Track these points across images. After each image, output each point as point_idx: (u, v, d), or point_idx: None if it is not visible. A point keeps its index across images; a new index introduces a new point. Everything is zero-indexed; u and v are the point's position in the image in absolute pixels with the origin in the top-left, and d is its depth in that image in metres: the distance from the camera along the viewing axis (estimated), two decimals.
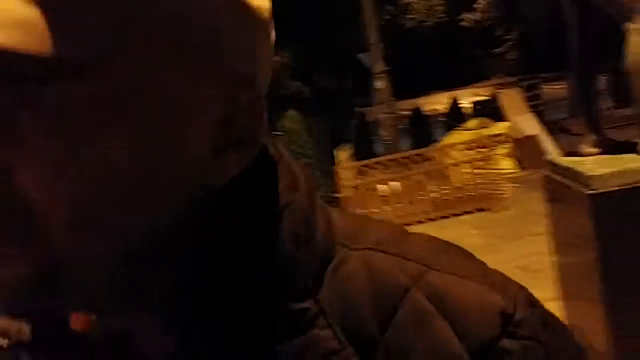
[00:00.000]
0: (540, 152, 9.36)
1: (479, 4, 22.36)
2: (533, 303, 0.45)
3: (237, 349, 0.42)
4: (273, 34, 0.44)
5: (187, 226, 0.41)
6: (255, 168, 0.43)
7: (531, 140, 10.55)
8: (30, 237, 0.36)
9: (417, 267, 0.45)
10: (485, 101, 16.61)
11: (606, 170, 2.80)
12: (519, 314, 0.43)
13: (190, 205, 0.40)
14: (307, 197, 0.45)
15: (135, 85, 0.36)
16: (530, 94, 13.69)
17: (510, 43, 24.93)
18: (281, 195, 0.44)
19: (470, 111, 16.40)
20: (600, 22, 3.02)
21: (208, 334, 0.42)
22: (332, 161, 9.64)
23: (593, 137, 3.16)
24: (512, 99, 12.30)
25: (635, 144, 3.03)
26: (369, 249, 0.46)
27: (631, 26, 2.75)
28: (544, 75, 16.89)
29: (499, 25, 24.09)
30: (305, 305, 0.43)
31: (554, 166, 3.38)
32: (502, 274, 0.47)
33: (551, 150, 9.42)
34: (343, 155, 9.07)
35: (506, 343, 0.42)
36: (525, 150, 10.15)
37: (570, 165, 3.08)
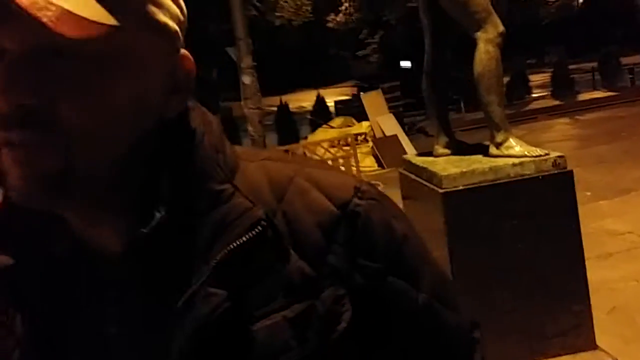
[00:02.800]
0: (399, 151, 9.79)
1: (344, 6, 22.95)
2: (374, 185, 0.69)
3: (178, 221, 0.60)
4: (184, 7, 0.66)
5: (147, 144, 0.61)
6: (184, 111, 0.65)
7: (391, 139, 11.00)
8: (56, 147, 0.55)
9: (296, 165, 0.70)
10: (347, 100, 17.08)
11: (455, 170, 2.98)
12: (365, 187, 0.68)
13: (150, 130, 0.61)
14: (218, 127, 0.68)
15: (128, 45, 0.57)
16: (389, 95, 14.24)
17: (372, 46, 25.85)
18: (200, 125, 0.65)
19: (333, 110, 16.79)
20: (454, 30, 3.19)
21: (155, 215, 0.59)
22: None
23: (444, 139, 3.34)
24: (373, 99, 12.74)
25: (481, 145, 3.26)
26: (263, 159, 0.70)
27: (480, 34, 2.95)
28: (402, 77, 17.65)
29: (362, 29, 24.87)
30: (224, 186, 0.63)
31: (409, 165, 3.55)
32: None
33: (408, 149, 9.88)
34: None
35: (357, 201, 0.66)
36: (385, 149, 10.57)
37: (424, 165, 3.25)
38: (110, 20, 0.54)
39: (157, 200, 0.60)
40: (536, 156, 2.94)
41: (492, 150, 3.06)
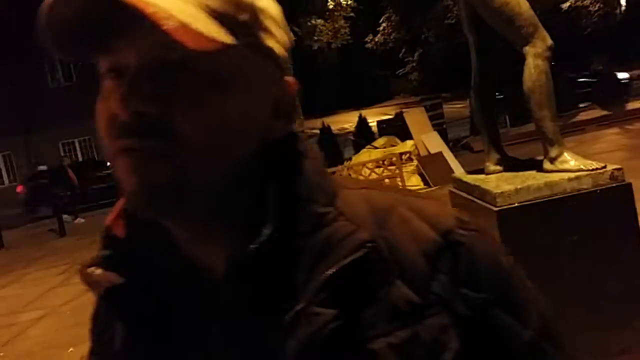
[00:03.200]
0: (445, 168, 9.70)
1: (382, 27, 23.02)
2: (472, 217, 0.69)
3: (282, 242, 0.61)
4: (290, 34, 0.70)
5: (253, 163, 0.63)
6: (289, 136, 0.68)
7: (436, 157, 10.91)
8: (169, 156, 0.57)
9: (397, 195, 0.71)
10: (389, 120, 17.03)
11: (509, 187, 2.93)
12: (466, 218, 0.68)
13: (255, 151, 0.64)
14: (319, 153, 0.70)
15: (241, 66, 0.61)
16: (432, 113, 14.16)
17: (411, 64, 25.81)
18: (304, 150, 0.68)
19: (375, 129, 16.76)
20: (499, 45, 3.16)
21: (262, 233, 0.60)
22: None
23: (496, 156, 3.30)
24: (416, 118, 12.67)
25: (533, 160, 3.20)
26: (363, 188, 0.71)
27: (528, 49, 2.91)
28: (444, 94, 17.54)
29: (401, 47, 24.88)
30: (328, 209, 0.64)
31: (460, 183, 3.51)
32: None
33: (455, 166, 9.77)
34: None
35: (460, 231, 0.65)
36: (431, 167, 10.48)
37: (476, 183, 3.20)
38: (224, 38, 0.57)
39: (263, 220, 0.61)
40: (592, 170, 2.87)
41: (547, 165, 3.00)
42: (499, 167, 3.26)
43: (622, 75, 17.79)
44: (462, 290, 0.63)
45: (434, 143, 11.65)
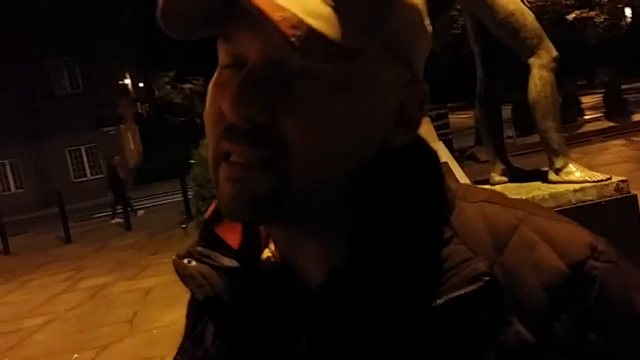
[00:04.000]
0: (450, 179, 9.67)
1: None
2: (610, 243, 0.59)
3: (387, 258, 0.56)
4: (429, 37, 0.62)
5: (366, 172, 0.58)
6: (410, 144, 0.61)
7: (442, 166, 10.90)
8: (276, 167, 0.53)
9: (522, 212, 0.60)
10: None
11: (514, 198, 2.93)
12: (603, 246, 0.57)
13: (372, 159, 0.58)
14: (439, 162, 0.63)
15: (366, 72, 0.55)
16: (438, 123, 14.16)
17: None
18: (424, 161, 0.61)
19: None
20: (504, 56, 3.18)
21: (373, 252, 0.56)
22: None
23: (501, 166, 3.30)
24: (422, 127, 12.67)
25: (538, 171, 3.20)
26: (482, 201, 0.62)
27: (533, 60, 2.92)
28: (449, 104, 17.55)
29: None
30: (443, 229, 0.57)
31: None
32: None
33: (460, 177, 9.76)
34: None
35: (593, 262, 0.55)
36: None
37: None
38: (357, 43, 0.51)
39: (368, 233, 0.56)
40: (597, 181, 2.88)
41: (552, 176, 3.00)
42: (504, 178, 3.26)
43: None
44: (589, 334, 0.55)
45: (440, 153, 11.63)
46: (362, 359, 0.55)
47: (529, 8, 2.95)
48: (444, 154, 11.97)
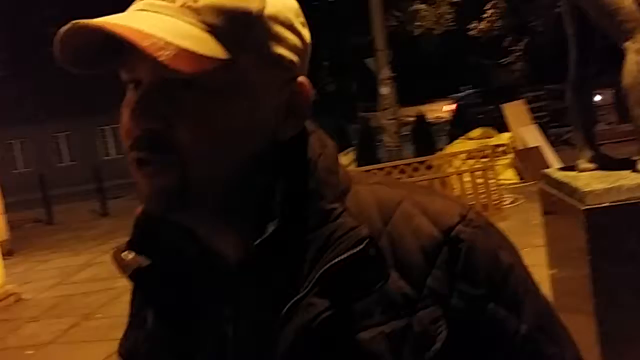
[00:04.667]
0: (542, 163, 9.37)
1: (488, 13, 22.29)
2: (480, 213, 0.73)
3: (289, 236, 0.66)
4: (307, 34, 0.72)
5: (262, 162, 0.68)
6: (302, 133, 0.71)
7: (533, 151, 10.56)
8: (176, 165, 0.64)
9: (405, 191, 0.73)
10: (489, 110, 16.59)
11: (600, 186, 2.83)
12: (472, 215, 0.71)
13: (265, 150, 0.68)
14: (333, 150, 0.74)
15: (247, 77, 0.65)
16: (534, 105, 13.68)
17: (516, 53, 24.89)
18: (316, 148, 0.71)
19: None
20: (600, 38, 3.05)
21: (271, 233, 0.65)
22: None
23: (589, 152, 3.19)
24: (515, 110, 12.28)
25: (630, 160, 3.07)
26: (374, 183, 0.75)
27: (629, 44, 2.79)
28: (549, 86, 16.87)
29: (506, 36, 24.03)
30: (334, 205, 0.68)
31: (550, 179, 3.42)
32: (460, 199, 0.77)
33: (552, 162, 9.43)
34: (346, 159, 9.05)
35: (462, 227, 0.69)
36: (527, 162, 10.16)
37: (566, 180, 3.12)
38: (225, 55, 0.62)
39: (270, 215, 0.66)
40: None
41: None
42: (591, 165, 3.15)
43: None
44: (458, 285, 0.67)
45: (532, 137, 11.27)
46: (272, 319, 0.65)
47: None
48: (535, 138, 11.58)
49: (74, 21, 0.61)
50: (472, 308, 0.67)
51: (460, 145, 11.79)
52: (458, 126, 15.71)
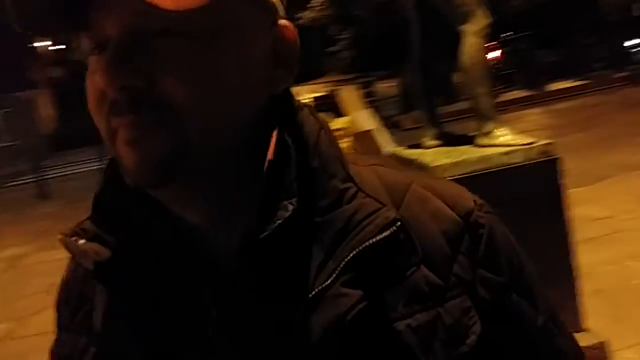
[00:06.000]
0: (378, 145, 9.85)
1: (314, 3, 22.90)
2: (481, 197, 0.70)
3: (301, 220, 0.57)
4: None
5: (260, 126, 0.60)
6: (292, 105, 0.64)
7: (370, 134, 11.06)
8: (168, 125, 0.54)
9: (410, 173, 0.69)
10: (323, 96, 17.07)
11: (446, 161, 3.04)
12: (479, 200, 0.68)
13: (260, 108, 0.60)
14: (328, 126, 0.66)
15: (230, 19, 0.56)
16: (365, 91, 14.30)
17: (343, 42, 25.86)
18: (313, 122, 0.64)
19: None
20: (440, 23, 3.25)
21: (275, 211, 0.57)
22: None
23: (433, 130, 3.40)
24: (350, 95, 12.78)
25: (469, 136, 3.32)
26: (373, 164, 0.68)
27: (467, 27, 3.01)
28: (374, 73, 17.71)
29: (333, 24, 24.86)
30: (347, 185, 0.61)
31: (397, 158, 3.60)
32: None
33: (387, 144, 9.94)
34: None
35: (478, 213, 0.65)
36: (365, 144, 10.62)
37: (414, 157, 3.30)
38: None
39: (280, 198, 0.58)
40: (524, 144, 3.02)
41: (481, 140, 3.12)
42: (436, 142, 3.36)
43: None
44: (482, 272, 0.63)
45: (367, 120, 11.80)
46: (281, 312, 0.57)
47: None
48: (372, 121, 12.13)
49: None
50: (497, 298, 0.63)
51: None
52: None
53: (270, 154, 0.61)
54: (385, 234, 0.58)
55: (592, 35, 18.73)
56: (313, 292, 0.56)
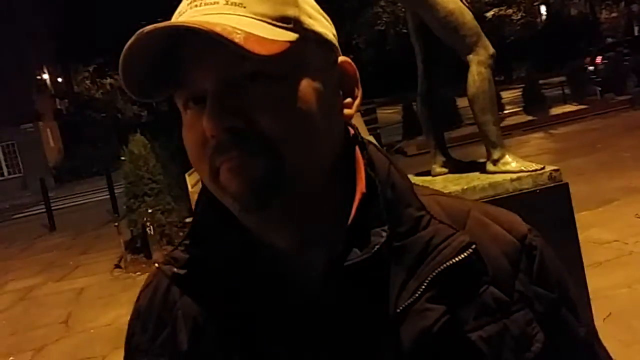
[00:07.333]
0: None
1: None
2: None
3: (383, 247, 0.64)
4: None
5: (341, 155, 0.68)
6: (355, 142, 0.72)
7: None
8: (267, 154, 0.62)
9: (467, 201, 0.77)
10: None
11: (456, 188, 3.07)
12: (529, 225, 0.74)
13: (340, 138, 0.69)
14: (394, 160, 0.73)
15: (306, 60, 0.65)
16: (366, 118, 14.40)
17: None
18: (381, 157, 0.71)
19: None
20: (444, 52, 3.31)
21: (355, 240, 0.64)
22: (183, 185, 9.43)
23: (441, 158, 3.44)
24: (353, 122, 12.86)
25: (477, 163, 3.36)
26: (432, 194, 0.76)
27: (472, 57, 3.07)
28: (375, 100, 17.87)
29: None
30: (422, 213, 0.69)
31: None
32: None
33: None
34: (193, 179, 8.89)
35: (532, 237, 0.72)
36: None
37: (424, 184, 3.33)
38: (286, 37, 0.62)
39: (368, 226, 0.65)
40: (532, 170, 3.05)
41: (490, 167, 3.16)
42: (444, 169, 3.40)
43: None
44: (537, 289, 0.70)
45: None
46: (367, 327, 0.64)
47: (467, 7, 3.09)
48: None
49: (138, 31, 0.59)
50: (550, 312, 0.70)
51: None
52: None
53: (362, 187, 0.67)
54: (462, 256, 0.65)
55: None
56: (401, 308, 0.64)
